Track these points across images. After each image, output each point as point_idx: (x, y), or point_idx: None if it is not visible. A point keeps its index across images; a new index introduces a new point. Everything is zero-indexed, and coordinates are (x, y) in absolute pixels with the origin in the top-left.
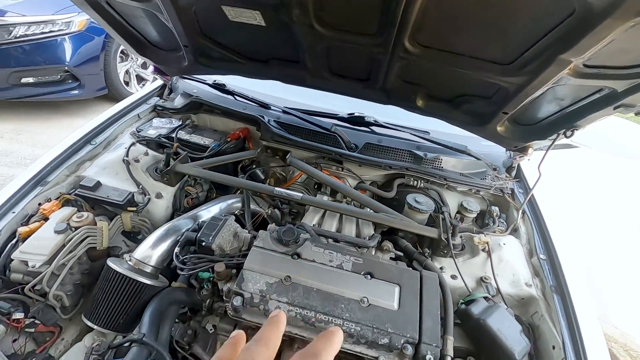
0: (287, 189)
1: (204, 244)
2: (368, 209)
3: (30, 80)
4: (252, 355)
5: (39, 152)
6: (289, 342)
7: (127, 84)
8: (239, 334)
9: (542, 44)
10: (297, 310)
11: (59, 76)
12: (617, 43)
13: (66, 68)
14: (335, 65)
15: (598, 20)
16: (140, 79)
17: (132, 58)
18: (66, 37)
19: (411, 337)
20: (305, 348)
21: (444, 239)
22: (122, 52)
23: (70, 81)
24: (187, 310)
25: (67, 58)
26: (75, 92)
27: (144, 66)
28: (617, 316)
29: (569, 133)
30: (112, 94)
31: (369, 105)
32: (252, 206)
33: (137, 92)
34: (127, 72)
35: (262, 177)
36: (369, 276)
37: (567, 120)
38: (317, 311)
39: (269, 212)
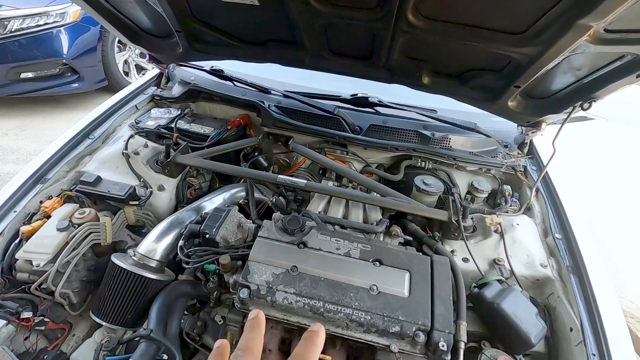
0: (292, 175)
1: (207, 236)
2: (375, 193)
3: (30, 75)
4: None
5: (44, 147)
6: (298, 332)
7: (126, 74)
8: (222, 343)
9: (558, 9)
10: (305, 300)
11: (57, 69)
12: None
13: (64, 61)
14: (335, 44)
15: None
16: (140, 69)
17: (129, 48)
18: (62, 29)
19: (423, 325)
20: (292, 354)
21: (454, 222)
22: (119, 42)
23: (69, 74)
24: (196, 302)
25: (65, 50)
26: (75, 85)
27: (142, 55)
28: (634, 291)
29: (586, 105)
30: (112, 85)
31: (373, 85)
32: (256, 195)
33: (135, 81)
34: (125, 62)
35: (265, 164)
36: (377, 263)
37: (585, 91)
38: (326, 301)
39: (274, 200)
